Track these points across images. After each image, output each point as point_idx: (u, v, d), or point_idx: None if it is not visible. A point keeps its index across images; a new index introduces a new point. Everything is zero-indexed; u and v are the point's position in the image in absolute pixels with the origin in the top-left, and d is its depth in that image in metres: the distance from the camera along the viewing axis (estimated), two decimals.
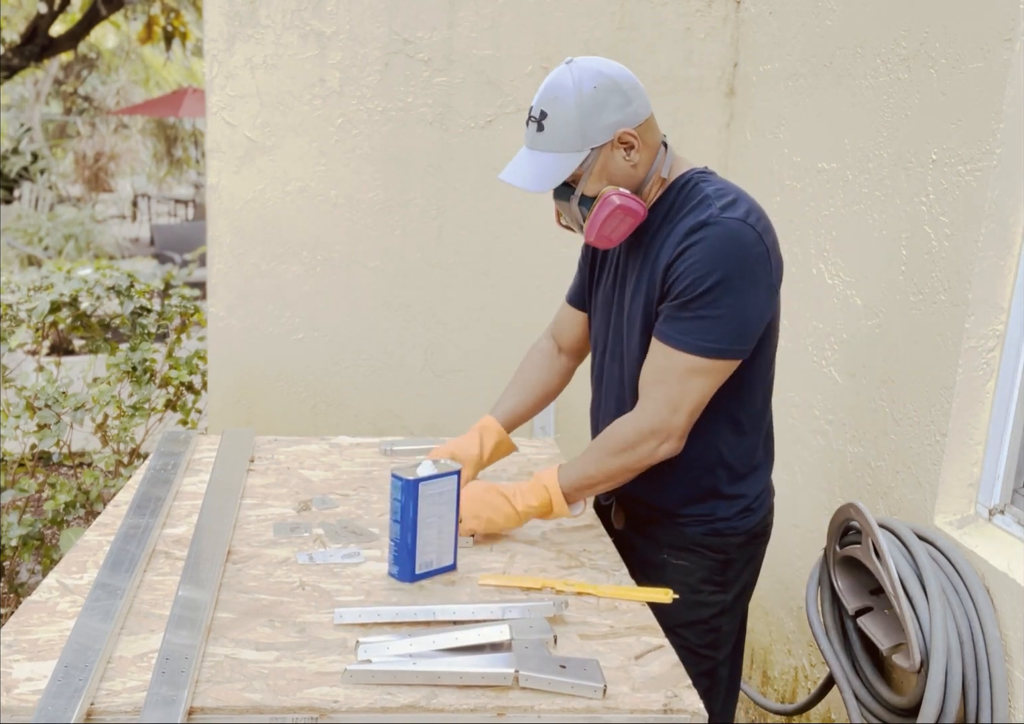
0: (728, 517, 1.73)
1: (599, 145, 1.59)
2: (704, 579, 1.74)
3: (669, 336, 1.59)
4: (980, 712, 1.65)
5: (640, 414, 1.63)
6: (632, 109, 1.60)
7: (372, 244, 2.90)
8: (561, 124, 1.58)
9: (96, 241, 11.16)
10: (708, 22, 2.83)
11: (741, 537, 1.75)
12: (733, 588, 1.77)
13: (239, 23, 2.74)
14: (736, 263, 1.55)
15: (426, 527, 1.54)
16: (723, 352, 1.58)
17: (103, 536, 1.69)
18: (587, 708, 1.22)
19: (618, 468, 1.65)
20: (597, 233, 1.64)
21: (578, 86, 1.57)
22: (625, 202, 1.61)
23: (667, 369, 1.59)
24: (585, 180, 1.62)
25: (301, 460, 2.14)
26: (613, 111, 1.58)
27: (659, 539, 1.77)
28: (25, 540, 3.00)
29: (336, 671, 1.27)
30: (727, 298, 1.55)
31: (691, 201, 1.62)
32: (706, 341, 1.56)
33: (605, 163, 1.62)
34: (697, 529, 1.73)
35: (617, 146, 1.61)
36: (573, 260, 2.96)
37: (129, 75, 18.01)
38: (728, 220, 1.56)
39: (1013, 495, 1.83)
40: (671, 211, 1.65)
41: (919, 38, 1.96)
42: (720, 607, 1.76)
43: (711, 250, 1.54)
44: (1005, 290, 1.78)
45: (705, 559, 1.73)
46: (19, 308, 3.50)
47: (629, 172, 1.64)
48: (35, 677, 1.23)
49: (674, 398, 1.59)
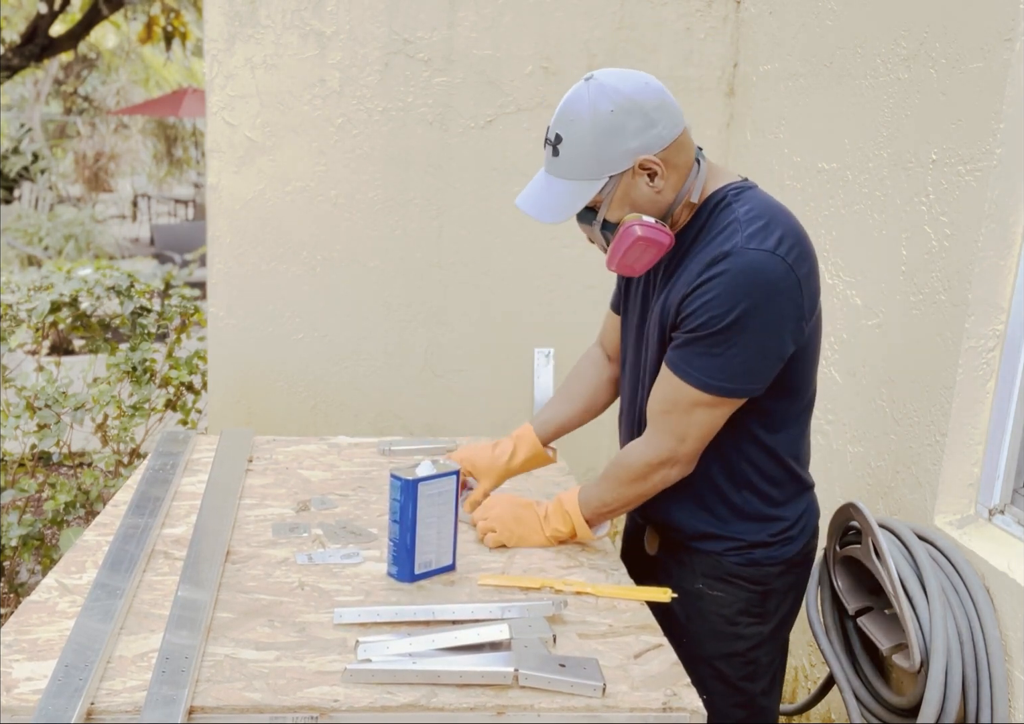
0: (766, 545, 1.63)
1: (618, 173, 1.48)
2: (741, 610, 1.64)
3: (678, 367, 1.52)
4: (980, 712, 1.65)
5: (647, 445, 1.58)
6: (656, 132, 1.46)
7: (372, 244, 2.90)
8: (576, 150, 1.48)
9: (96, 241, 11.16)
10: (708, 22, 2.83)
11: (780, 566, 1.64)
12: (772, 619, 1.66)
13: (239, 23, 2.74)
14: (756, 301, 1.44)
15: (425, 527, 1.54)
16: (731, 392, 1.50)
17: (102, 536, 1.69)
18: (586, 707, 1.22)
19: (633, 496, 1.62)
20: (619, 263, 1.54)
21: (593, 108, 1.45)
22: (647, 233, 1.49)
23: (674, 400, 1.53)
24: (606, 207, 1.52)
25: (300, 460, 2.13)
26: (632, 136, 1.45)
27: (695, 568, 1.67)
28: (25, 540, 3.00)
29: (336, 671, 1.27)
30: (742, 338, 1.46)
31: (720, 224, 1.50)
32: (714, 379, 1.49)
33: (627, 190, 1.50)
34: (733, 559, 1.63)
35: (639, 172, 1.48)
36: (573, 260, 2.97)
37: (129, 75, 18.00)
38: (753, 252, 1.43)
39: (1013, 495, 1.83)
40: (701, 232, 1.54)
41: (919, 38, 1.96)
42: (758, 639, 1.66)
43: (731, 286, 1.44)
44: (1005, 290, 1.78)
45: (742, 591, 1.63)
46: (19, 308, 3.50)
47: (653, 198, 1.51)
48: (35, 677, 1.23)
49: (680, 429, 1.54)
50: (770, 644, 1.68)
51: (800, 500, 1.68)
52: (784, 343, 1.50)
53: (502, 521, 1.68)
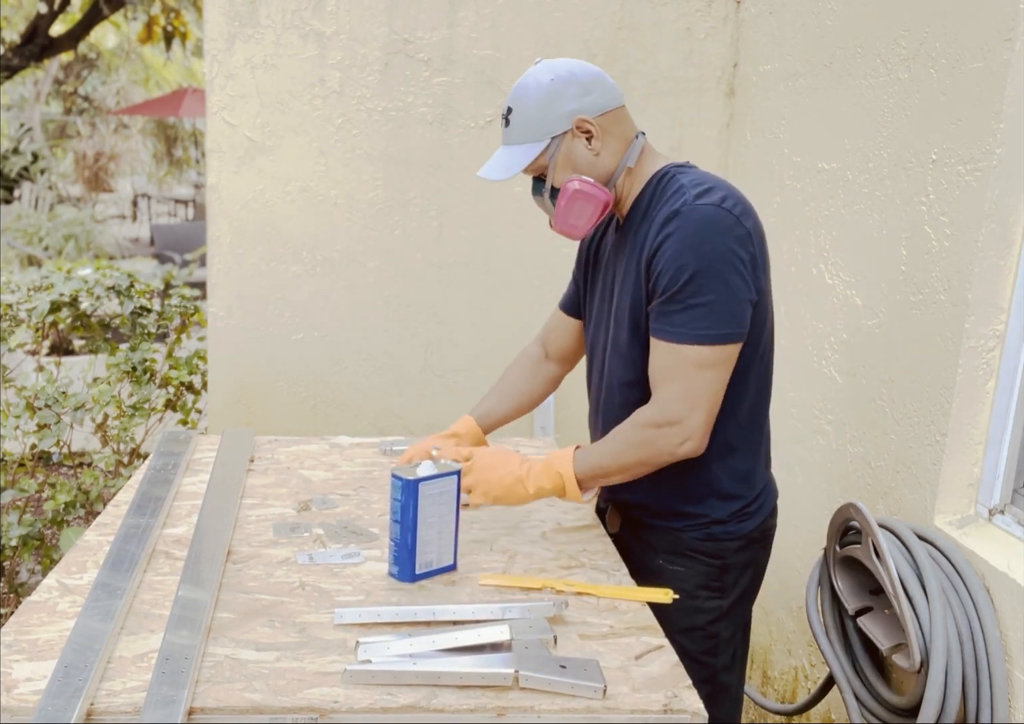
0: (724, 520, 1.70)
1: (558, 134, 1.64)
2: (700, 584, 1.71)
3: (666, 332, 1.58)
4: (980, 712, 1.65)
5: (654, 408, 1.61)
6: (591, 99, 1.63)
7: (372, 244, 2.90)
8: (523, 117, 1.65)
9: (96, 241, 11.17)
10: (708, 22, 2.83)
11: (738, 542, 1.72)
12: (731, 594, 1.74)
13: (239, 23, 2.74)
14: (715, 246, 1.54)
15: (426, 527, 1.54)
16: (723, 337, 1.56)
17: (103, 536, 1.69)
18: (587, 708, 1.22)
19: (634, 461, 1.63)
20: (560, 222, 1.68)
21: (536, 80, 1.64)
22: (584, 187, 1.64)
23: (672, 366, 1.58)
24: (552, 172, 1.66)
25: (301, 460, 2.13)
26: (570, 100, 1.62)
27: (654, 544, 1.74)
28: (25, 540, 3.00)
29: (336, 671, 1.27)
30: (712, 282, 1.54)
31: (667, 193, 1.63)
32: (702, 329, 1.55)
33: (568, 153, 1.65)
34: (692, 534, 1.70)
35: (577, 134, 1.64)
36: (573, 260, 2.97)
37: (129, 75, 18.01)
38: (702, 206, 1.55)
39: (1013, 495, 1.83)
40: (649, 206, 1.66)
41: (919, 38, 1.96)
42: (717, 613, 1.73)
43: (687, 238, 1.54)
44: (1005, 290, 1.78)
45: (701, 565, 1.71)
46: (19, 308, 3.50)
47: (592, 161, 1.66)
48: (35, 677, 1.23)
49: (687, 393, 1.57)
50: (729, 618, 1.75)
51: (761, 476, 1.76)
52: (748, 285, 1.58)
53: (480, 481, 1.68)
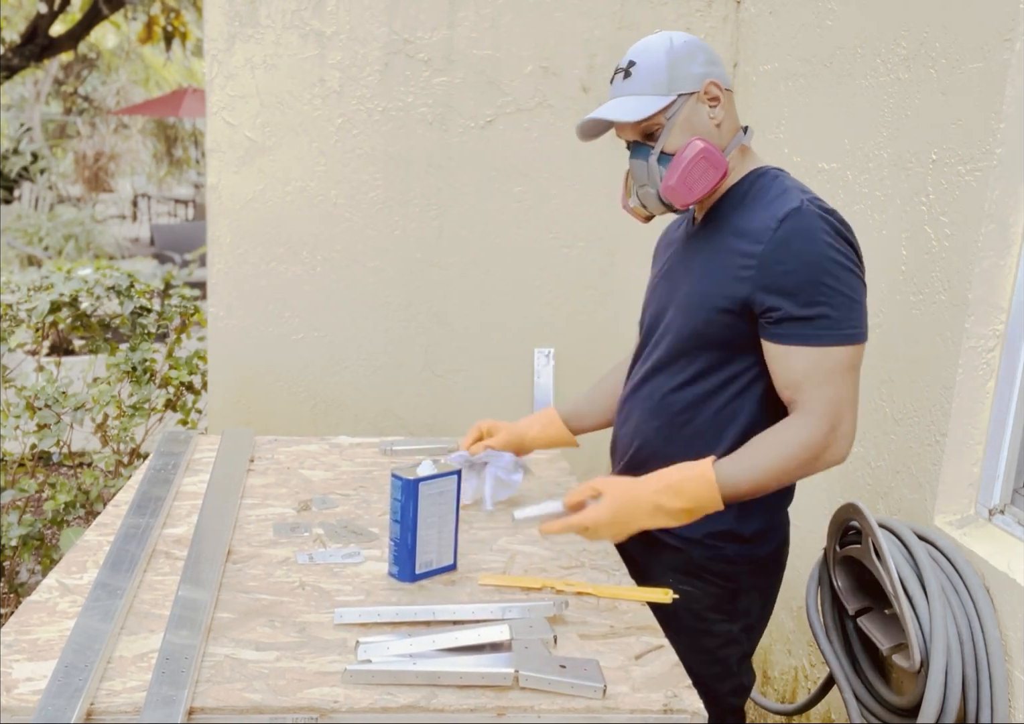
0: (739, 545, 1.64)
1: (687, 92, 1.56)
2: (711, 607, 1.65)
3: (811, 336, 1.49)
4: (980, 712, 1.65)
5: (812, 418, 1.49)
6: (719, 70, 1.59)
7: (372, 244, 2.90)
8: (650, 69, 1.56)
9: (96, 241, 11.17)
10: (708, 22, 2.83)
11: (750, 566, 1.66)
12: (741, 619, 1.68)
13: (239, 23, 2.74)
14: (841, 247, 1.49)
15: (426, 527, 1.54)
16: (861, 336, 1.51)
17: (103, 536, 1.69)
18: (587, 708, 1.22)
19: (797, 476, 1.55)
20: (679, 179, 1.54)
21: (669, 39, 1.57)
22: (711, 147, 1.54)
23: (822, 370, 1.49)
24: (667, 132, 1.56)
25: (301, 460, 2.14)
26: (701, 64, 1.57)
27: (664, 563, 1.68)
28: (25, 540, 3.00)
29: (336, 671, 1.27)
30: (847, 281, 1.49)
31: (771, 190, 1.56)
32: (850, 328, 1.49)
33: (690, 116, 1.57)
34: (704, 553, 1.64)
35: (703, 99, 1.57)
36: (573, 260, 2.98)
37: (129, 75, 18.01)
38: (820, 209, 1.51)
39: (1013, 495, 1.83)
40: (747, 197, 1.59)
41: (919, 38, 1.96)
42: (726, 638, 1.67)
43: (816, 235, 1.48)
44: (1005, 290, 1.78)
45: (712, 586, 1.65)
46: (19, 308, 3.50)
47: (712, 131, 1.58)
48: (35, 677, 1.23)
49: (843, 396, 1.50)
50: (739, 644, 1.69)
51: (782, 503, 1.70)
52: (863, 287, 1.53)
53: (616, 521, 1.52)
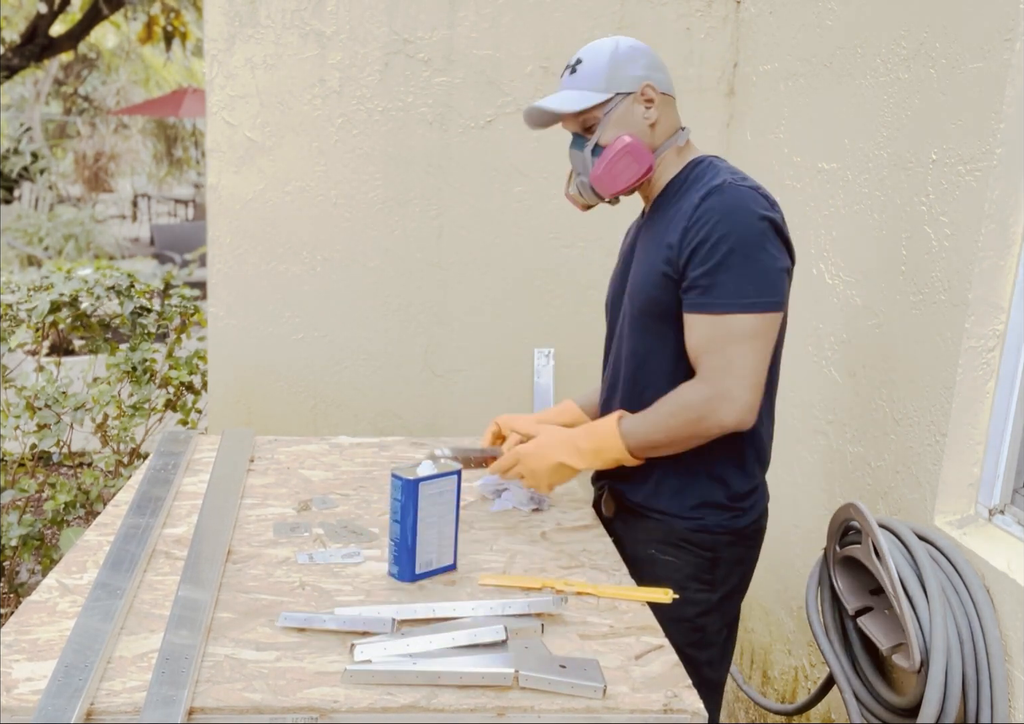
0: (718, 514, 1.72)
1: (624, 92, 1.69)
2: (691, 576, 1.73)
3: (707, 305, 1.59)
4: (980, 712, 1.65)
5: (702, 381, 1.62)
6: (658, 76, 1.72)
7: (372, 244, 2.90)
8: (593, 68, 1.70)
9: (96, 241, 11.17)
10: (708, 22, 2.83)
11: (730, 536, 1.74)
12: (720, 588, 1.76)
13: (239, 23, 2.74)
14: (753, 221, 1.58)
15: (426, 527, 1.54)
16: (766, 305, 1.58)
17: (103, 536, 1.69)
18: (587, 708, 1.22)
19: (686, 435, 1.64)
20: (604, 171, 1.69)
21: (615, 42, 1.72)
22: (636, 144, 1.68)
23: (716, 338, 1.59)
24: (603, 127, 1.70)
25: (301, 460, 2.14)
26: (641, 67, 1.70)
27: (648, 533, 1.77)
28: (25, 540, 3.00)
29: (336, 671, 1.27)
30: (753, 253, 1.57)
31: (704, 176, 1.68)
32: (749, 297, 1.57)
33: (624, 114, 1.70)
34: (685, 524, 1.73)
35: (639, 100, 1.70)
36: (573, 260, 2.97)
37: (129, 75, 18.01)
38: (742, 187, 1.61)
39: (1013, 495, 1.83)
40: (684, 186, 1.71)
41: (919, 38, 1.96)
42: (706, 606, 1.74)
43: (728, 211, 1.58)
44: (1005, 290, 1.78)
45: (692, 556, 1.73)
46: (19, 308, 3.50)
47: (645, 130, 1.71)
48: (35, 677, 1.23)
49: (733, 364, 1.58)
50: (717, 613, 1.76)
51: (757, 475, 1.78)
52: (784, 256, 1.62)
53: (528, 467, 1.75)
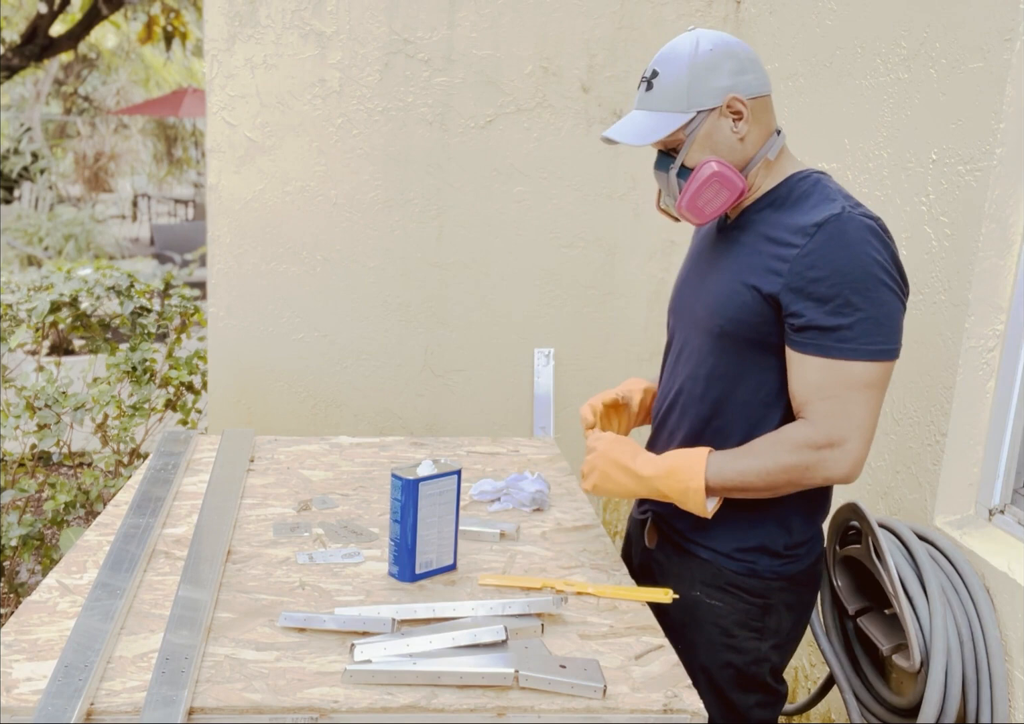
0: (771, 559, 1.57)
1: (707, 109, 1.50)
2: (739, 622, 1.58)
3: (828, 348, 1.42)
4: (980, 712, 1.65)
5: (813, 428, 1.45)
6: (746, 79, 1.51)
7: (372, 244, 2.90)
8: (671, 83, 1.51)
9: (96, 241, 11.17)
10: (708, 22, 2.83)
11: (783, 582, 1.58)
12: (771, 637, 1.60)
13: (239, 23, 2.74)
14: (876, 259, 1.41)
15: (426, 527, 1.54)
16: (891, 353, 1.44)
17: (103, 536, 1.69)
18: (587, 708, 1.22)
19: (784, 482, 1.48)
20: (689, 202, 1.52)
21: (695, 45, 1.50)
22: (724, 171, 1.49)
23: (835, 383, 1.43)
24: (687, 148, 1.52)
25: (301, 460, 2.13)
26: (726, 76, 1.50)
27: (693, 574, 1.62)
28: (25, 540, 3.00)
29: (336, 671, 1.27)
30: (880, 292, 1.41)
31: (814, 196, 1.50)
32: (875, 344, 1.41)
33: (710, 131, 1.51)
34: (734, 567, 1.58)
35: (725, 113, 1.50)
36: (573, 260, 2.98)
37: (129, 75, 18.01)
38: (861, 217, 1.43)
39: (1013, 495, 1.83)
40: (787, 202, 1.52)
41: (919, 38, 1.96)
42: (755, 655, 1.59)
43: (853, 244, 1.41)
44: (1005, 290, 1.78)
45: (741, 602, 1.58)
46: (19, 308, 3.50)
47: (734, 145, 1.52)
48: (35, 677, 1.23)
49: (852, 413, 1.43)
50: (768, 663, 1.61)
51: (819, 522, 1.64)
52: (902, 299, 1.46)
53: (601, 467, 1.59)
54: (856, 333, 1.41)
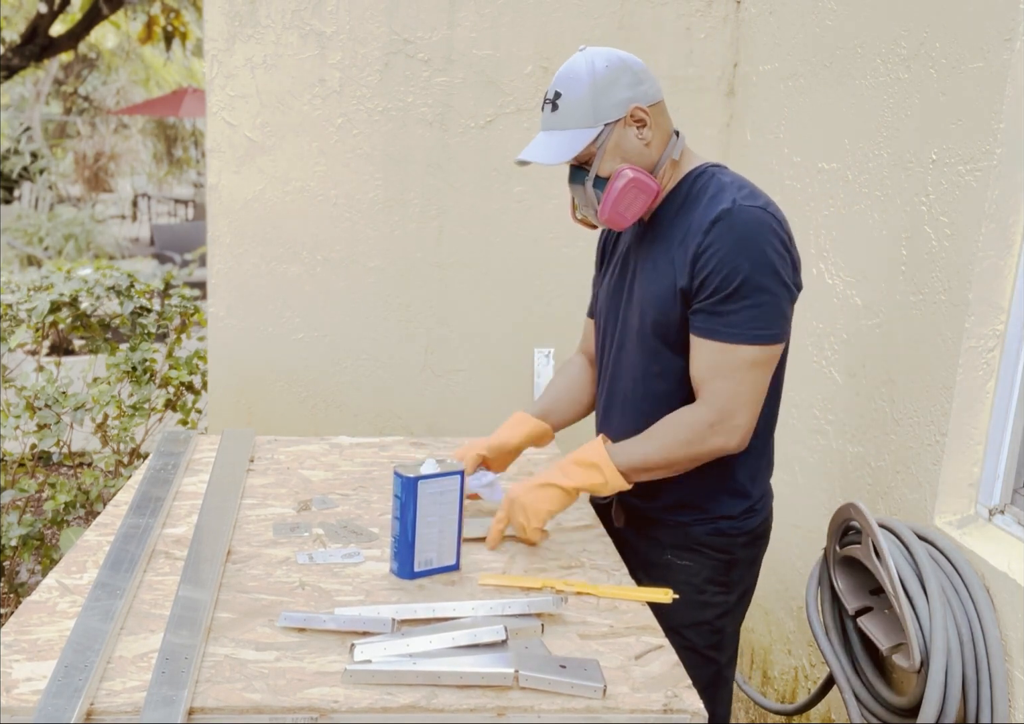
0: (732, 516, 1.73)
1: (612, 121, 1.61)
2: (708, 579, 1.74)
3: (719, 332, 1.58)
4: (980, 712, 1.65)
5: (706, 407, 1.61)
6: (643, 89, 1.63)
7: (372, 244, 2.90)
8: (575, 102, 1.61)
9: (96, 241, 11.18)
10: (708, 22, 2.83)
11: (744, 537, 1.75)
12: (736, 589, 1.77)
13: (239, 23, 2.74)
14: (765, 250, 1.56)
15: (426, 525, 1.54)
16: (775, 337, 1.59)
17: (103, 536, 1.69)
18: (587, 708, 1.22)
19: (683, 457, 1.63)
20: (611, 209, 1.64)
21: (591, 65, 1.61)
22: (638, 176, 1.62)
23: (725, 364, 1.59)
24: (599, 160, 1.63)
25: (301, 460, 2.13)
26: (625, 88, 1.61)
27: (662, 539, 1.76)
28: (25, 540, 3.00)
29: (336, 671, 1.27)
30: (765, 284, 1.56)
31: (709, 191, 1.63)
32: (758, 329, 1.57)
33: (619, 141, 1.63)
34: (700, 528, 1.73)
35: (630, 123, 1.62)
36: (573, 260, 2.97)
37: (129, 75, 18.01)
38: (750, 208, 1.57)
39: (1013, 495, 1.83)
40: (687, 200, 1.66)
41: (919, 38, 1.96)
42: (724, 608, 1.76)
43: (740, 240, 1.55)
44: (1005, 290, 1.78)
45: (709, 559, 1.73)
46: (19, 308, 3.50)
47: (642, 151, 1.65)
48: (35, 677, 1.23)
49: (739, 391, 1.59)
50: (734, 614, 1.79)
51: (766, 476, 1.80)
52: (792, 287, 1.62)
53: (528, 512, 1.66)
54: (743, 318, 1.57)
